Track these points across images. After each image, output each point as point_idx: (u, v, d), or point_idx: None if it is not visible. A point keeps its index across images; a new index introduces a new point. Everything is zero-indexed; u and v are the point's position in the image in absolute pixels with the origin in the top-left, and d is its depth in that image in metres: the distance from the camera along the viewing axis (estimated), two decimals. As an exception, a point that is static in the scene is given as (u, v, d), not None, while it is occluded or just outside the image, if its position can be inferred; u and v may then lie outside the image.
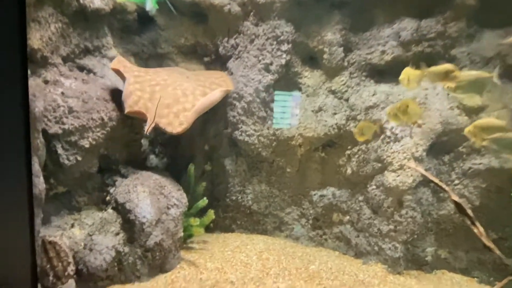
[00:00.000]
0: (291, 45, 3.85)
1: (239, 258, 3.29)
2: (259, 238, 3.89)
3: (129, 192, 2.82)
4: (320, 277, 3.05)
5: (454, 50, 3.44)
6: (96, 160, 2.89)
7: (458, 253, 3.38)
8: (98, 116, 2.80)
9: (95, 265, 2.57)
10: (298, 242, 3.91)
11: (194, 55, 4.11)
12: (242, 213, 4.00)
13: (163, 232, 2.87)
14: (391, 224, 3.31)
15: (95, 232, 2.67)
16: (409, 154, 3.23)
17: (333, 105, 3.83)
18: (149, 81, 3.23)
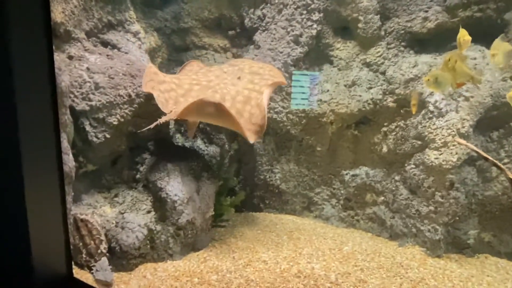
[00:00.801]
0: (322, 14, 3.57)
1: (269, 237, 3.22)
2: (288, 218, 3.79)
3: (160, 170, 2.76)
4: (355, 258, 2.92)
5: (509, 14, 3.06)
6: (125, 138, 2.82)
7: (504, 236, 3.15)
8: (125, 92, 2.71)
9: (128, 243, 2.55)
10: (328, 223, 3.79)
11: (219, 29, 3.91)
12: (270, 193, 3.90)
13: (194, 211, 2.80)
14: (431, 205, 3.10)
15: (127, 210, 2.64)
16: (454, 130, 2.97)
17: (368, 79, 3.57)
18: (191, 80, 3.00)
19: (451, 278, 2.72)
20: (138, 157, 2.83)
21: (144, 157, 2.82)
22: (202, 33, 3.89)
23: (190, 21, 3.85)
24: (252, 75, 3.07)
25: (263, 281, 2.46)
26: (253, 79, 3.03)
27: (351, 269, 2.71)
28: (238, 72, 3.11)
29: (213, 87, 2.90)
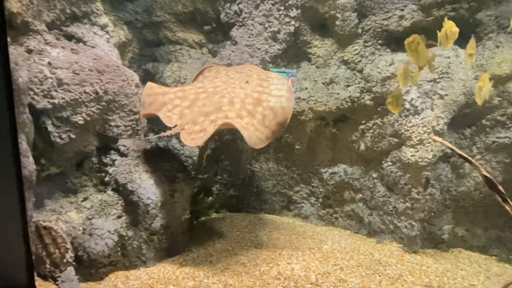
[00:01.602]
0: (300, 11, 3.52)
1: (248, 239, 3.14)
2: (267, 217, 3.73)
3: (131, 172, 2.60)
4: (334, 257, 2.90)
5: (481, 14, 3.14)
6: (92, 138, 2.64)
7: (477, 231, 3.24)
8: (91, 89, 2.52)
9: (96, 250, 2.38)
10: (307, 221, 3.77)
11: (193, 23, 3.76)
12: (249, 192, 3.82)
13: (169, 214, 2.67)
14: (407, 202, 3.14)
15: (95, 215, 2.47)
16: (430, 127, 3.01)
17: (346, 77, 3.56)
18: (197, 88, 2.88)
19: (427, 274, 2.75)
20: (107, 158, 2.66)
21: (114, 158, 2.65)
22: (176, 28, 3.73)
23: (163, 15, 3.68)
24: (261, 81, 3.00)
25: (242, 285, 2.38)
26: (262, 83, 2.96)
27: (331, 269, 2.68)
28: (245, 77, 3.03)
29: (220, 92, 2.80)
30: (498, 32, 3.11)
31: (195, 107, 2.67)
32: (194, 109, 2.66)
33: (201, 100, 2.74)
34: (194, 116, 2.62)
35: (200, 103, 2.71)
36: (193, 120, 2.60)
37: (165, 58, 3.73)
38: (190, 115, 2.62)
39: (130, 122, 2.74)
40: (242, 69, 3.21)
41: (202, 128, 2.56)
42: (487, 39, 3.14)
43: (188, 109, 2.67)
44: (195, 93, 2.81)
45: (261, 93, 2.84)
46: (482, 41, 3.17)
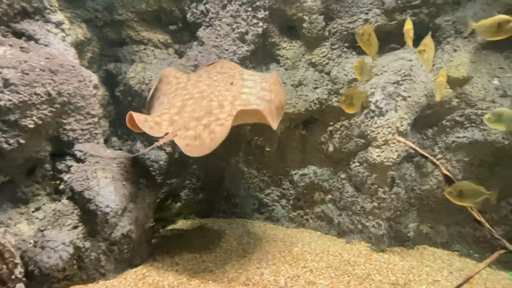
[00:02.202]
0: (268, 12, 3.51)
1: (218, 244, 3.05)
2: (238, 222, 3.66)
3: (88, 179, 2.43)
4: (304, 259, 2.89)
5: (439, 19, 3.28)
6: (45, 143, 2.45)
7: (439, 227, 3.36)
8: (43, 90, 2.34)
9: (49, 264, 2.20)
10: (279, 224, 3.74)
11: (158, 23, 3.64)
12: (219, 196, 3.73)
13: (131, 222, 2.53)
14: (375, 201, 3.20)
15: (48, 226, 2.28)
16: (394, 128, 3.09)
17: (314, 79, 3.58)
18: (183, 95, 2.80)
19: (394, 272, 2.80)
20: (62, 165, 2.48)
21: (70, 165, 2.47)
22: (140, 27, 3.59)
23: (125, 13, 3.52)
24: (244, 81, 2.99)
25: (209, 293, 2.30)
26: (247, 84, 2.96)
27: (300, 271, 2.66)
28: (228, 78, 2.99)
29: (207, 97, 2.76)
30: (456, 37, 3.25)
31: (185, 113, 2.63)
32: (183, 115, 2.62)
33: (189, 106, 2.69)
34: (185, 121, 2.57)
35: (189, 109, 2.67)
36: (185, 125, 2.53)
37: (128, 58, 3.57)
38: (181, 121, 2.57)
39: (88, 126, 2.57)
40: (221, 67, 3.17)
41: (195, 134, 2.50)
42: (446, 43, 3.27)
43: (178, 116, 2.61)
44: (181, 100, 2.75)
45: (248, 94, 2.86)
46: (441, 45, 3.30)
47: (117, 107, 3.67)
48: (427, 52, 2.29)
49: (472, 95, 3.09)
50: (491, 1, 3.13)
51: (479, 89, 3.09)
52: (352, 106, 2.54)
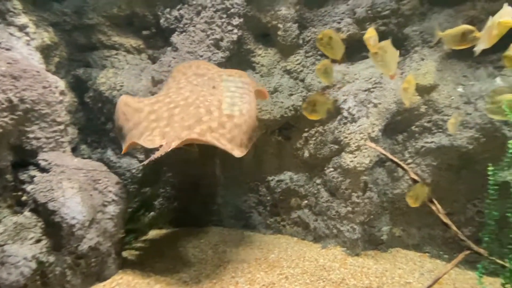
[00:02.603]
0: (242, 20, 3.52)
1: (192, 254, 2.99)
2: (214, 230, 3.60)
3: (53, 190, 2.32)
4: (280, 266, 2.88)
5: (407, 29, 3.41)
6: (6, 152, 2.31)
7: (411, 230, 3.46)
8: (3, 97, 2.21)
9: (9, 281, 2.06)
10: (256, 231, 3.72)
11: (131, 28, 3.56)
12: (195, 204, 3.67)
13: (99, 234, 2.42)
14: (349, 206, 3.25)
15: (8, 241, 2.14)
16: (366, 134, 3.16)
17: (289, 86, 3.62)
18: (168, 104, 2.73)
19: (368, 275, 2.85)
20: (25, 175, 2.34)
21: (33, 175, 2.34)
22: (112, 31, 3.50)
23: (96, 17, 3.42)
24: (226, 83, 3.01)
25: (182, 305, 2.23)
26: (228, 88, 2.98)
27: (276, 279, 2.65)
28: (209, 82, 2.99)
29: (193, 104, 2.73)
30: (423, 46, 3.39)
31: (175, 124, 2.60)
32: (174, 125, 2.58)
33: (177, 115, 2.66)
34: (177, 131, 2.54)
35: (178, 118, 2.64)
36: (178, 136, 2.49)
37: (98, 64, 3.47)
38: (172, 132, 2.53)
39: (53, 134, 2.46)
40: (197, 68, 3.15)
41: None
42: (414, 52, 3.41)
43: (168, 127, 2.58)
44: (167, 110, 2.70)
45: (232, 97, 2.90)
46: (409, 54, 3.43)
47: (86, 113, 3.55)
48: (382, 55, 2.31)
49: (438, 102, 3.23)
50: (454, 13, 3.30)
51: (445, 96, 3.23)
52: (315, 112, 2.53)
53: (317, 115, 2.53)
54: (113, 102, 3.37)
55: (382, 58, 2.27)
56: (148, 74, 3.36)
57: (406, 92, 2.38)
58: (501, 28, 1.98)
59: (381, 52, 2.25)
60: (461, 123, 3.09)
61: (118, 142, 3.33)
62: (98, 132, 3.52)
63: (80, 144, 3.07)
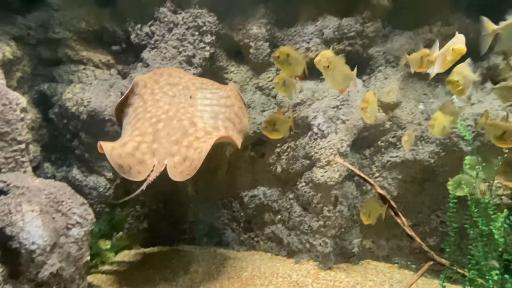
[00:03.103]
0: (215, 37, 3.57)
1: (163, 275, 2.89)
2: (186, 249, 3.52)
3: (10, 213, 2.17)
4: (254, 284, 2.86)
5: (372, 50, 3.60)
6: (-43, 174, 2.15)
7: (381, 242, 3.56)
8: (-44, 114, 2.08)
9: (-42, 316, 1.88)
10: (229, 248, 3.67)
11: (100, 43, 3.49)
12: (166, 223, 3.57)
13: (61, 259, 2.29)
14: (320, 220, 3.30)
15: (-43, 271, 1.97)
16: (335, 149, 3.26)
17: (261, 102, 3.68)
18: (149, 119, 2.67)
19: (340, 289, 2.89)
20: (-21, 198, 2.19)
21: (-13, 198, 2.19)
22: (79, 46, 3.41)
23: (62, 31, 3.33)
24: (202, 92, 3.03)
25: (150, 331, 2.14)
26: (206, 95, 3.01)
27: (249, 298, 2.61)
28: (185, 91, 2.98)
29: (175, 117, 2.70)
30: (386, 66, 3.59)
31: (162, 139, 2.56)
32: (161, 141, 2.55)
33: (162, 130, 2.62)
34: (166, 147, 2.50)
35: (163, 134, 2.60)
36: (168, 152, 2.46)
37: (65, 79, 3.36)
38: (162, 149, 2.49)
39: (13, 153, 2.33)
40: (169, 76, 3.13)
41: (183, 157, 2.48)
42: (378, 72, 3.60)
43: (156, 143, 2.53)
44: (150, 125, 2.66)
45: (212, 105, 2.92)
46: (374, 73, 3.62)
47: (50, 130, 3.39)
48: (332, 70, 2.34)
49: (402, 118, 3.41)
50: (413, 35, 3.54)
51: (408, 113, 3.42)
52: (276, 131, 2.55)
53: (277, 134, 2.55)
54: (79, 118, 3.26)
55: (332, 73, 2.35)
56: (117, 90, 3.29)
57: (364, 111, 2.49)
58: (455, 55, 2.15)
59: (331, 67, 2.33)
60: (422, 138, 3.28)
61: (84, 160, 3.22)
62: (63, 150, 3.36)
63: (43, 162, 2.92)
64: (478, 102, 3.30)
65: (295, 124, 2.89)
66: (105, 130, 3.25)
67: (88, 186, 2.99)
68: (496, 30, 1.93)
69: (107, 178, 3.15)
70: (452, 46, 2.15)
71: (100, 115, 3.22)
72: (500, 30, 1.91)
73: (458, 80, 2.20)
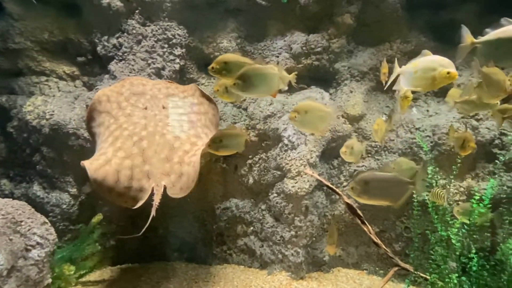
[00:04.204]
0: (185, 50, 3.57)
1: (132, 295, 2.78)
2: (156, 266, 3.41)
3: (-40, 236, 2.01)
4: (226, 298, 2.82)
5: (337, 64, 3.77)
6: None
7: (350, 249, 3.66)
8: None
9: None
10: (201, 263, 3.61)
11: (64, 54, 3.37)
12: (134, 240, 3.44)
13: (20, 283, 2.14)
14: (292, 230, 3.35)
15: None
16: (305, 160, 3.35)
17: (233, 114, 3.71)
18: (129, 137, 2.54)
19: (312, 299, 2.92)
20: None
21: None
22: (42, 57, 3.28)
23: (23, 42, 3.19)
24: (172, 100, 2.99)
25: None
26: (177, 103, 2.98)
27: (221, 313, 2.58)
28: (155, 101, 2.91)
29: (157, 132, 2.64)
30: (351, 80, 3.77)
31: (152, 159, 2.50)
32: (151, 161, 2.49)
33: (149, 149, 2.56)
34: (159, 167, 2.46)
35: (151, 152, 2.54)
36: (163, 172, 2.42)
37: (25, 90, 3.20)
38: (155, 170, 2.45)
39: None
40: (131, 85, 3.01)
41: (179, 174, 2.47)
42: (343, 85, 3.76)
43: (147, 164, 2.47)
44: (133, 144, 2.56)
45: (186, 114, 2.92)
46: (340, 86, 3.79)
47: (9, 144, 3.20)
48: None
49: (366, 129, 3.58)
50: (375, 51, 3.76)
51: (372, 124, 3.59)
52: (224, 148, 2.45)
53: (226, 150, 2.40)
54: (41, 132, 3.10)
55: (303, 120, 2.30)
56: (82, 102, 3.18)
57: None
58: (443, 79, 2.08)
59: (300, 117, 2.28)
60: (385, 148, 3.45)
61: (46, 175, 3.05)
62: (23, 165, 3.17)
63: (1, 179, 2.73)
64: (435, 114, 3.55)
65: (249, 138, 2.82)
66: (69, 144, 3.12)
67: (50, 203, 2.83)
68: (474, 43, 1.96)
69: (70, 194, 3.00)
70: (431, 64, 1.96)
71: (63, 129, 3.08)
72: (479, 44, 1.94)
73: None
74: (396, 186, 1.79)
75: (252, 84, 2.12)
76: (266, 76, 2.16)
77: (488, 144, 3.16)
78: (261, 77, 2.14)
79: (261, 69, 2.15)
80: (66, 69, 3.35)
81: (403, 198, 1.80)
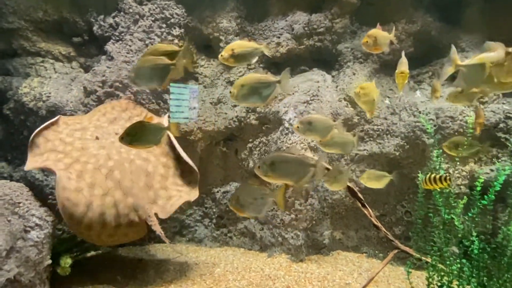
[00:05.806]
0: (183, 30, 3.47)
1: (132, 276, 2.80)
2: (157, 248, 3.44)
3: (-41, 218, 2.00)
4: (226, 280, 2.84)
5: (340, 45, 3.67)
6: None
7: (350, 232, 3.68)
8: None
9: None
10: (202, 245, 3.63)
11: (59, 34, 3.28)
12: (135, 222, 3.46)
13: (19, 264, 2.15)
14: (292, 214, 3.35)
15: None
16: (306, 144, 3.31)
17: (232, 97, 3.64)
18: (98, 171, 2.42)
19: (311, 280, 2.95)
20: None
21: None
22: (37, 37, 3.19)
23: (17, 21, 3.10)
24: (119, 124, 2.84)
25: (119, 334, 2.07)
26: (125, 125, 2.84)
27: (221, 294, 2.60)
28: (102, 129, 2.75)
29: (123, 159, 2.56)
30: (354, 62, 3.68)
31: (132, 190, 2.47)
32: (132, 192, 2.46)
33: (124, 179, 2.49)
34: (143, 197, 2.46)
35: (128, 183, 2.48)
36: (149, 201, 2.45)
37: (21, 72, 3.13)
38: (140, 201, 2.45)
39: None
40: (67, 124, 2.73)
41: (167, 197, 2.53)
42: (346, 67, 3.68)
43: (129, 197, 2.45)
44: (105, 177, 2.44)
45: None
46: (342, 69, 3.70)
47: (6, 127, 3.16)
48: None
49: (369, 113, 3.51)
50: (379, 32, 3.64)
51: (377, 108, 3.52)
52: (138, 142, 2.00)
53: (142, 144, 2.03)
54: (38, 114, 3.05)
55: None
56: (79, 84, 3.12)
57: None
58: None
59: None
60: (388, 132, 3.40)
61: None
62: (20, 148, 3.14)
63: (-2, 162, 2.72)
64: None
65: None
66: (67, 127, 3.07)
67: (49, 186, 2.82)
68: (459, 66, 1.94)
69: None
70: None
71: (61, 111, 3.04)
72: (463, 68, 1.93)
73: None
74: (299, 167, 1.81)
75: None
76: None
77: (493, 127, 3.10)
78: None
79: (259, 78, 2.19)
80: (62, 50, 3.27)
81: (305, 179, 1.83)
